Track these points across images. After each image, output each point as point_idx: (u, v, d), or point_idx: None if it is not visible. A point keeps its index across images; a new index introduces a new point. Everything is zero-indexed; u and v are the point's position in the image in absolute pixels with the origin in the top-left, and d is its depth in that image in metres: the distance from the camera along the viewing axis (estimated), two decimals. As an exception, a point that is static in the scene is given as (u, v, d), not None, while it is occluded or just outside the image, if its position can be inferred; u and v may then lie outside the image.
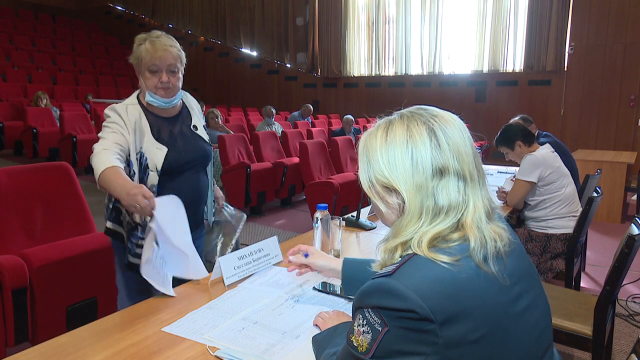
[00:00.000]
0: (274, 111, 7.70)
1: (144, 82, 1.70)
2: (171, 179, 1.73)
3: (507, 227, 0.85)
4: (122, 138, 1.65)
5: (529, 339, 0.79)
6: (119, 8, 16.40)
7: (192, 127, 1.85)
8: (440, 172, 0.79)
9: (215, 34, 13.87)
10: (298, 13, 12.17)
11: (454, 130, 0.82)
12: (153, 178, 1.70)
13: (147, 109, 1.74)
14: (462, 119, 0.86)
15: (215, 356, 1.04)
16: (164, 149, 1.71)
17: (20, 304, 2.02)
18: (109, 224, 1.79)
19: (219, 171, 5.58)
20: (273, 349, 1.07)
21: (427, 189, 0.79)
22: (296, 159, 5.76)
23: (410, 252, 0.78)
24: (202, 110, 8.80)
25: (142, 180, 1.68)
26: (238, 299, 1.35)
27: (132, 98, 1.77)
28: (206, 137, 1.88)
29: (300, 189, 5.83)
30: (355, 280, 1.23)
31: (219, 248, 1.98)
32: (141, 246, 1.55)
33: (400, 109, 0.88)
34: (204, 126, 1.91)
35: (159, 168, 1.70)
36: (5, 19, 13.12)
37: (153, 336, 1.13)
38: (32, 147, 7.10)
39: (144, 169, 1.70)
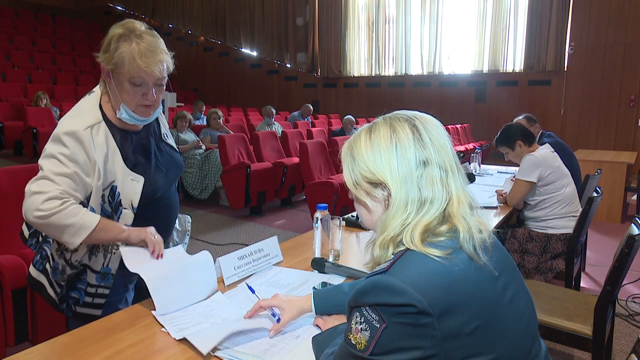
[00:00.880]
0: (274, 111, 7.71)
1: (118, 94, 1.35)
2: (149, 209, 1.44)
3: None
4: (77, 187, 1.30)
5: (519, 329, 0.81)
6: (119, 8, 16.39)
7: (162, 136, 1.56)
8: (424, 163, 0.83)
9: (215, 34, 13.87)
10: (298, 13, 12.16)
11: (435, 127, 0.87)
12: (127, 217, 1.40)
13: (112, 125, 1.39)
14: (449, 121, 0.88)
15: (215, 356, 1.04)
16: (140, 180, 1.40)
17: (20, 304, 2.02)
18: (33, 271, 1.45)
19: (219, 171, 5.58)
20: (273, 349, 1.07)
21: (411, 179, 0.82)
22: (296, 159, 5.76)
23: (402, 248, 0.80)
24: (202, 111, 8.75)
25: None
26: (238, 299, 1.34)
27: (94, 109, 1.38)
28: (174, 145, 1.61)
29: (300, 189, 5.83)
30: (327, 303, 1.16)
31: None
32: (92, 294, 1.42)
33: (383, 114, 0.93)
34: (169, 129, 1.65)
35: (135, 204, 1.40)
36: (5, 19, 13.11)
37: (153, 336, 1.13)
38: (32, 147, 7.10)
39: (115, 206, 1.38)
